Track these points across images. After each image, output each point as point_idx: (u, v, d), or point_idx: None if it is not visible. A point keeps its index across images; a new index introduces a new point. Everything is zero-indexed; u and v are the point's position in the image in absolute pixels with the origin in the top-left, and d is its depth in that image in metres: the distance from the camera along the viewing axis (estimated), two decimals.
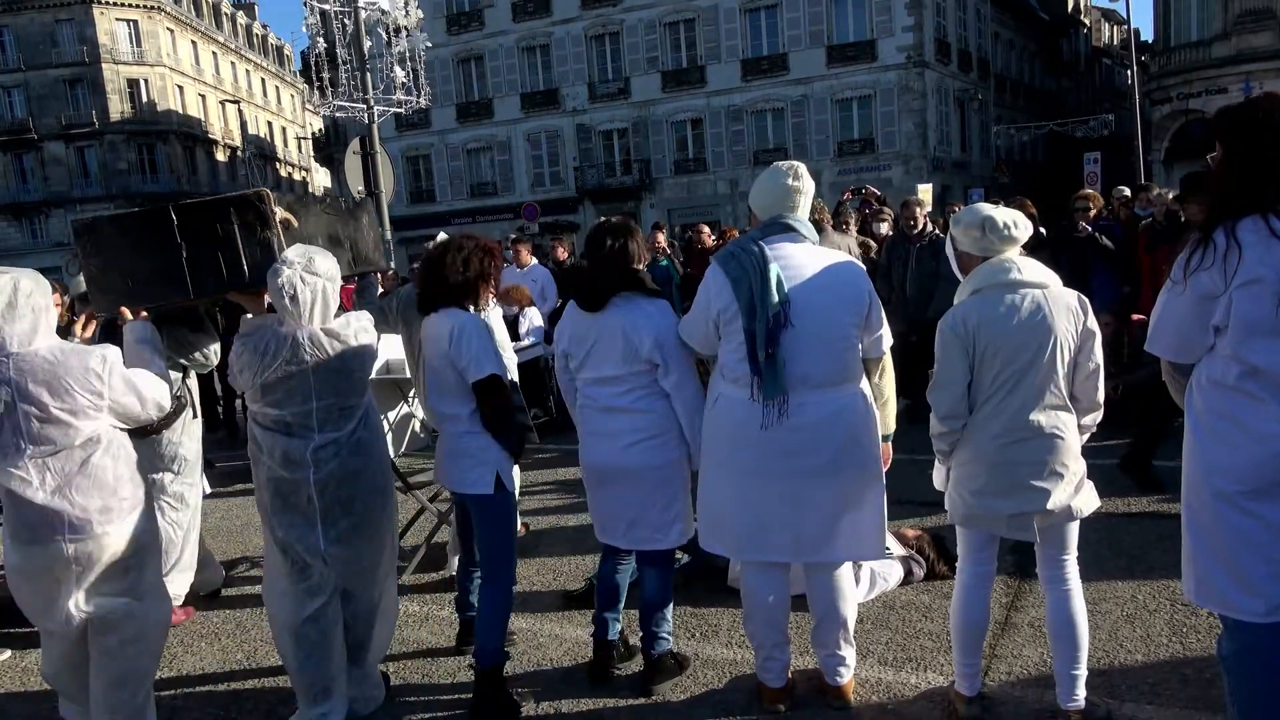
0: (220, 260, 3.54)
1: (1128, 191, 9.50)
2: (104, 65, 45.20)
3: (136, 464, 3.17)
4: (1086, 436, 3.04)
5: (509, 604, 3.57)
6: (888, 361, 3.27)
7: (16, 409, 2.86)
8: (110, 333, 3.65)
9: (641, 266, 3.45)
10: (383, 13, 12.91)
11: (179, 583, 4.47)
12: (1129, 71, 29.72)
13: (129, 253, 3.60)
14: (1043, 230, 7.64)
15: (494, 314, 4.91)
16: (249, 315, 3.50)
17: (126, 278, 3.59)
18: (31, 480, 2.90)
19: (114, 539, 3.01)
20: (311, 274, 3.17)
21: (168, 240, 3.53)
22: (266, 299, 3.40)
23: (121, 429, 3.10)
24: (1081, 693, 3.03)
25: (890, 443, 3.33)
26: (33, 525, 2.93)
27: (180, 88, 48.63)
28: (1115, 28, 54.65)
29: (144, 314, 3.55)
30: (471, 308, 3.52)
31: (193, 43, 50.48)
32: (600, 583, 3.73)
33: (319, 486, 3.22)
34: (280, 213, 3.58)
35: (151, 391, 3.13)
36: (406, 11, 13.01)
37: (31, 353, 2.90)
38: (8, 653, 4.42)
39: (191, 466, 4.54)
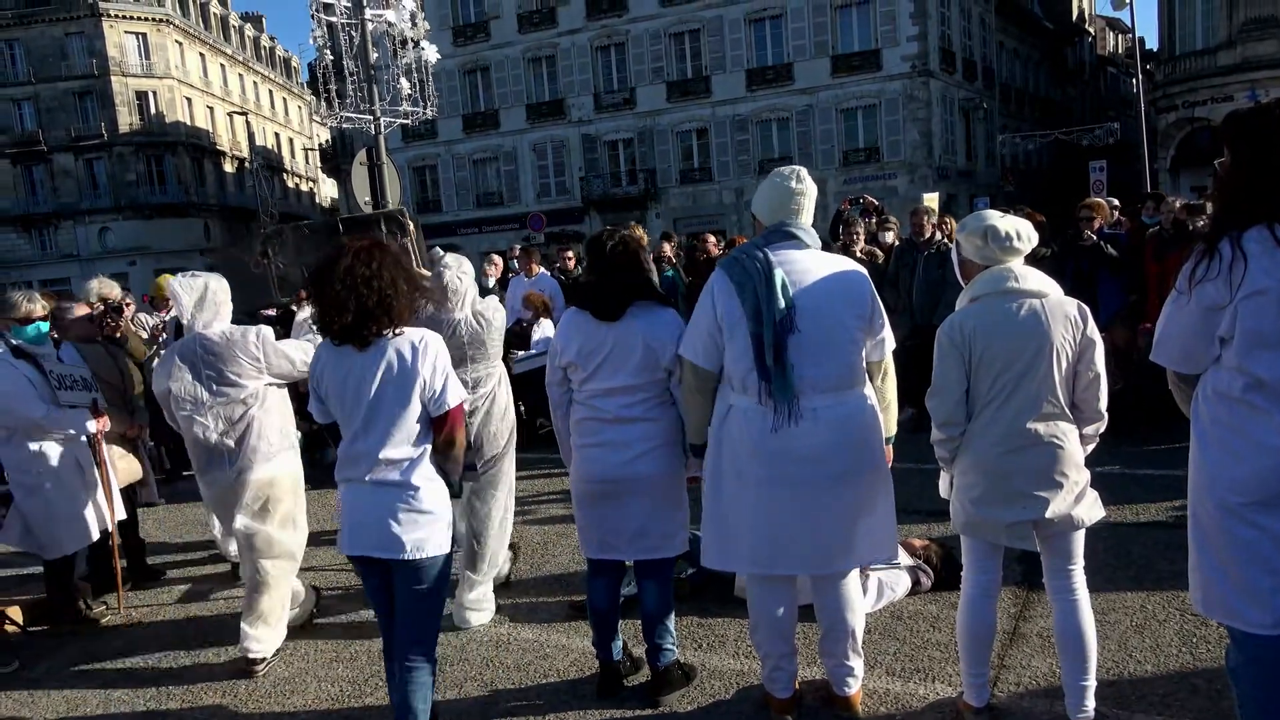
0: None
1: (1116, 201, 9.58)
2: (113, 78, 45.44)
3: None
4: (1090, 447, 3.03)
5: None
6: (889, 365, 3.27)
7: (201, 374, 4.02)
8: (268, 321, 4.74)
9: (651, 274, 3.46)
10: (389, 25, 12.99)
11: None
12: (1134, 80, 29.70)
13: (307, 252, 4.68)
14: (1046, 249, 7.64)
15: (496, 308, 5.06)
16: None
17: (304, 271, 4.67)
18: (209, 425, 4.05)
19: (262, 473, 4.11)
20: (464, 273, 4.31)
21: (336, 242, 4.28)
22: None
23: (277, 386, 4.20)
24: (1090, 703, 3.02)
25: (891, 445, 3.32)
26: (208, 459, 4.11)
27: (189, 99, 48.88)
28: (1120, 36, 54.66)
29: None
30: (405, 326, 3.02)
31: (201, 55, 50.76)
32: (592, 611, 3.65)
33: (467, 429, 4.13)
34: (411, 225, 4.72)
35: (300, 354, 4.17)
36: (413, 23, 13.08)
37: (211, 333, 4.06)
38: (15, 664, 4.43)
39: None
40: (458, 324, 4.21)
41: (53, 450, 4.58)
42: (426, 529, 2.94)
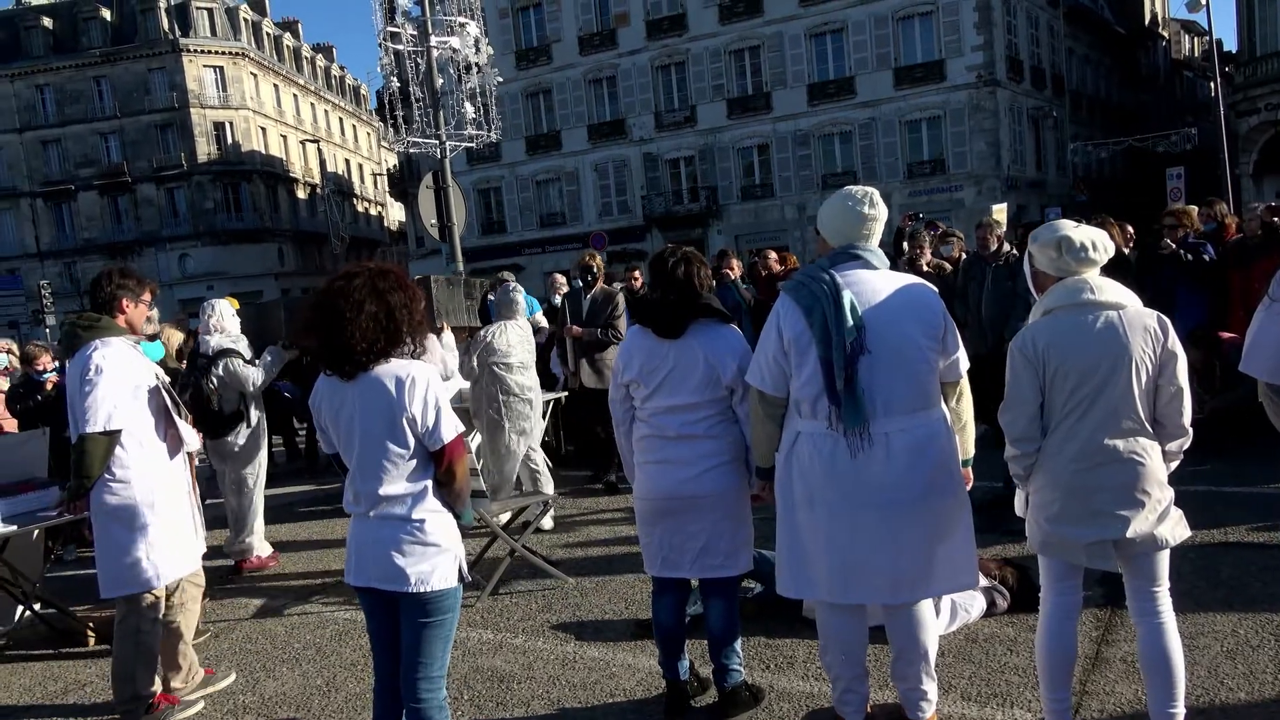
0: (474, 305, 6.86)
1: (1195, 209, 9.21)
2: (192, 110, 47.43)
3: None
4: (1175, 464, 2.90)
5: None
6: (965, 385, 3.17)
7: None
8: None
9: (707, 292, 3.44)
10: (454, 51, 13.26)
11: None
12: (1212, 83, 28.76)
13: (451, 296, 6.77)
14: (1124, 251, 7.40)
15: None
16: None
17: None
18: None
19: None
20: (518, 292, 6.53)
21: (456, 292, 6.74)
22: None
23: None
24: None
25: (970, 467, 3.23)
26: None
27: (263, 129, 50.66)
28: (1196, 39, 53.01)
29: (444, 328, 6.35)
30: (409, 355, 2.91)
31: (275, 86, 52.57)
32: (658, 629, 3.61)
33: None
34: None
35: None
36: (477, 49, 13.34)
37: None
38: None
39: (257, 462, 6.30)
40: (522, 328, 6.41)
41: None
42: (431, 561, 2.83)
